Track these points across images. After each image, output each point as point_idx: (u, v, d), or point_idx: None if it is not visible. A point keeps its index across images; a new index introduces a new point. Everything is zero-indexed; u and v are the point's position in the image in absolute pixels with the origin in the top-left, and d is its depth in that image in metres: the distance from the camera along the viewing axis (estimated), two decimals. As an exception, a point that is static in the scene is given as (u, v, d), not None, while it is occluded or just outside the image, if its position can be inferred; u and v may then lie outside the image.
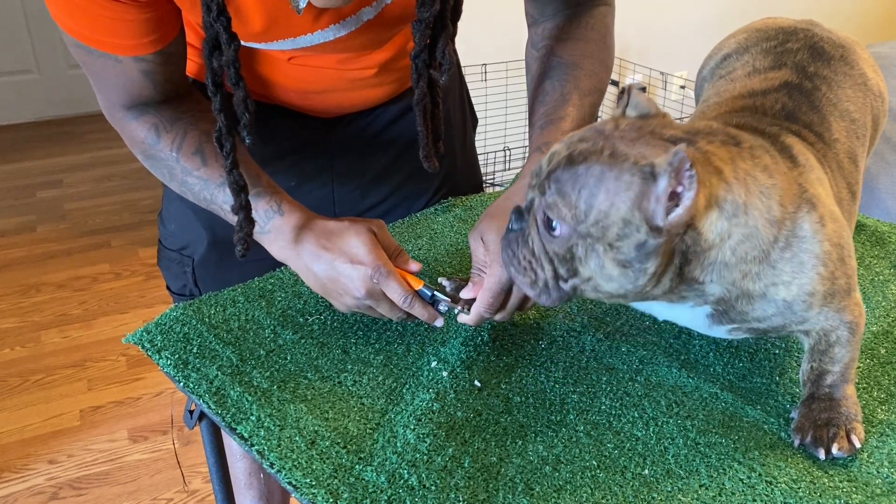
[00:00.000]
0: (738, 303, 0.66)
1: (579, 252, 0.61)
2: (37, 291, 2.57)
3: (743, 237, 0.62)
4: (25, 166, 3.62)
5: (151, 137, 0.83)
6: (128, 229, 3.01)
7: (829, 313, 0.68)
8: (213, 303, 0.89)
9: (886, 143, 1.81)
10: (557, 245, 0.62)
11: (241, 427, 0.71)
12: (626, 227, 0.59)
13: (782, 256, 0.64)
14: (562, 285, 0.64)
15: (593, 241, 0.60)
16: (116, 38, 0.75)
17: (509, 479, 0.66)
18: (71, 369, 2.17)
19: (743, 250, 0.62)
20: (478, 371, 0.78)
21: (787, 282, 0.65)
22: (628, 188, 0.58)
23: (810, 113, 0.76)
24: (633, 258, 0.60)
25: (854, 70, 0.82)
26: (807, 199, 0.65)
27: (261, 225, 0.80)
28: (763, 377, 0.78)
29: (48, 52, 4.07)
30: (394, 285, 0.76)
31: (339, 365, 0.80)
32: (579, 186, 0.60)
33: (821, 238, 0.65)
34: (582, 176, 0.60)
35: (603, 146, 0.60)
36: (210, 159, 0.81)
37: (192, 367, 0.78)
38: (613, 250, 0.60)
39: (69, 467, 1.83)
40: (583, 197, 0.59)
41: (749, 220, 0.62)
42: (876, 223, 1.08)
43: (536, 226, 0.64)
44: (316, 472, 0.66)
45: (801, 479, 0.65)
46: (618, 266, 0.61)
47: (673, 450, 0.69)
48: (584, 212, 0.60)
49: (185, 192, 0.85)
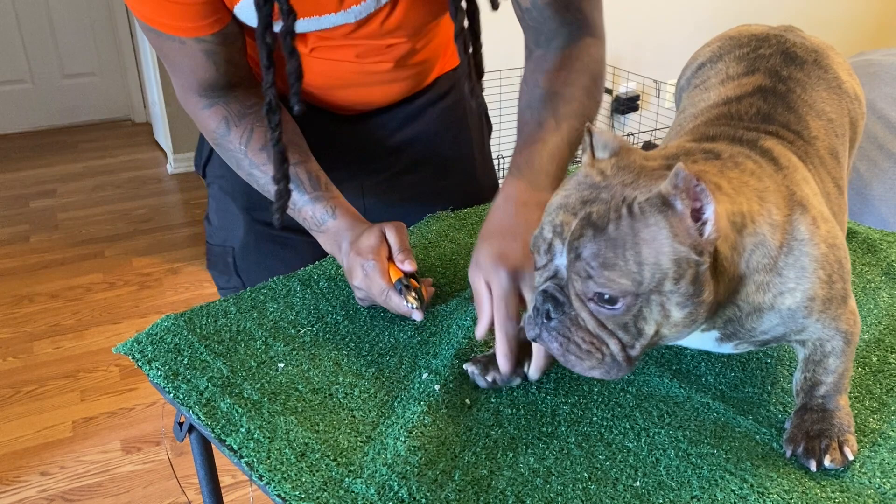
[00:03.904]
0: (748, 320, 0.65)
1: (644, 313, 0.59)
2: (30, 302, 2.56)
3: (753, 246, 0.61)
4: (19, 176, 3.61)
5: (222, 129, 0.92)
6: (121, 239, 3.00)
7: (826, 321, 0.67)
8: (205, 314, 0.89)
9: (879, 150, 1.82)
10: (622, 316, 0.60)
11: (231, 439, 0.70)
12: (678, 266, 0.57)
13: (787, 262, 0.63)
14: (630, 352, 0.62)
15: (656, 296, 0.58)
16: (179, 21, 0.83)
17: (500, 491, 0.65)
18: (63, 380, 2.16)
19: (756, 260, 0.61)
20: (468, 390, 0.78)
21: (792, 289, 0.64)
22: (661, 229, 0.57)
23: (786, 113, 0.75)
24: (692, 293, 0.58)
25: (828, 73, 0.82)
26: (797, 200, 0.64)
27: (317, 224, 0.91)
28: (755, 387, 0.78)
29: (42, 61, 4.07)
30: (376, 278, 0.84)
31: (330, 377, 0.79)
32: (622, 251, 0.57)
33: (817, 240, 0.64)
34: (618, 240, 0.57)
35: (612, 201, 0.59)
36: (285, 166, 0.89)
37: (183, 378, 0.78)
38: (674, 294, 0.58)
39: (61, 479, 1.82)
40: (630, 259, 0.57)
41: (757, 228, 0.61)
42: (867, 230, 1.08)
43: (586, 306, 0.61)
44: (305, 485, 0.66)
45: (792, 489, 0.65)
46: (679, 308, 0.59)
47: (665, 461, 0.69)
48: (639, 272, 0.57)
49: (250, 181, 0.94)
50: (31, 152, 3.90)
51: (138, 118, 4.36)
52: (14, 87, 4.08)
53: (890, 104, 1.89)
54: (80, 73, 4.18)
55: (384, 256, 0.86)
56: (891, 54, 2.08)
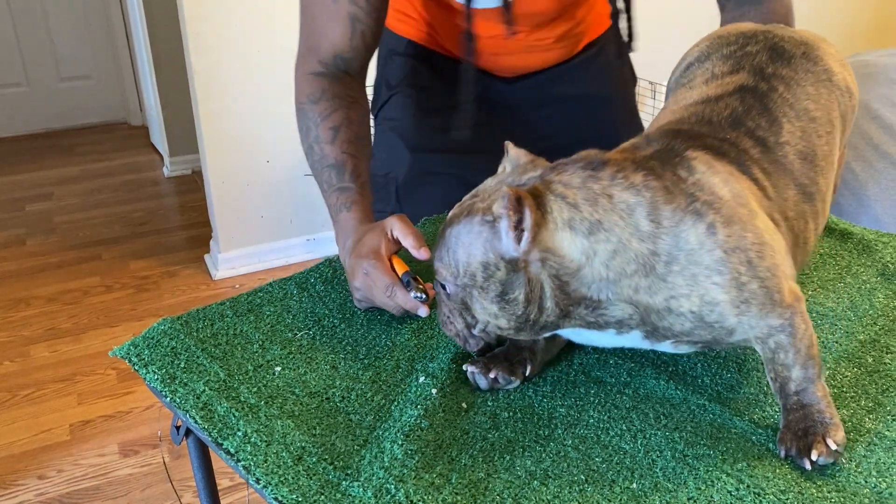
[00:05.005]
0: (652, 318, 0.67)
1: (468, 302, 0.70)
2: (26, 305, 2.55)
3: (611, 252, 0.65)
4: (15, 179, 3.61)
5: (314, 97, 0.98)
6: (118, 242, 3.00)
7: (754, 320, 0.67)
8: (201, 317, 0.89)
9: (874, 151, 1.82)
10: (454, 301, 0.71)
11: (228, 442, 0.70)
12: (486, 269, 0.66)
13: (671, 270, 0.65)
14: (474, 332, 0.73)
15: (471, 289, 0.68)
16: None
17: (497, 494, 0.66)
18: (60, 383, 2.16)
19: (618, 265, 0.65)
20: (465, 394, 0.78)
21: (686, 294, 0.65)
22: (479, 236, 0.66)
23: (759, 117, 0.75)
24: (502, 292, 0.67)
25: (817, 66, 0.81)
26: (693, 210, 0.65)
27: (335, 213, 0.95)
28: (751, 387, 0.78)
29: (38, 65, 4.07)
30: (378, 276, 0.84)
31: (327, 381, 0.79)
32: (447, 248, 0.69)
33: (710, 247, 0.64)
34: (448, 239, 0.69)
35: (466, 207, 0.69)
36: (337, 141, 0.96)
37: (180, 381, 0.78)
38: (486, 291, 0.68)
39: (59, 482, 1.82)
40: (451, 257, 0.68)
41: (611, 237, 0.64)
42: (863, 231, 1.09)
43: (438, 289, 0.73)
44: (303, 488, 0.66)
45: (789, 490, 0.65)
46: (495, 303, 0.68)
47: (661, 462, 0.69)
48: (455, 268, 0.68)
49: (306, 153, 1.00)
50: (28, 155, 3.89)
51: (135, 121, 4.36)
52: (10, 91, 4.07)
53: (885, 105, 1.89)
54: (76, 76, 4.17)
55: (385, 255, 0.87)
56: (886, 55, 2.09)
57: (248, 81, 2.52)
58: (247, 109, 2.56)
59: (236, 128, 2.57)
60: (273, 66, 2.53)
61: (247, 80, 2.52)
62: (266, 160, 2.65)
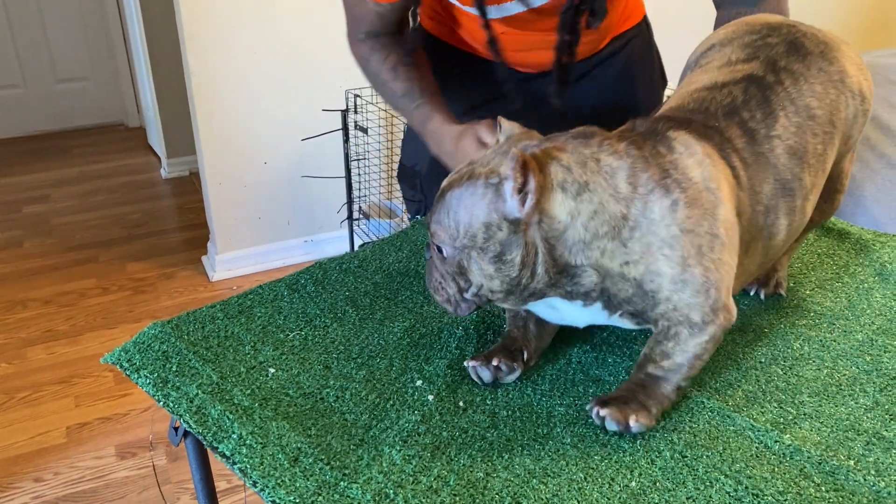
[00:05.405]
0: (608, 284, 0.71)
1: (465, 264, 0.71)
2: (23, 307, 2.55)
3: (591, 213, 0.68)
4: (12, 181, 3.60)
5: (368, 53, 1.11)
6: (115, 244, 2.99)
7: (681, 303, 0.70)
8: (192, 320, 0.88)
9: (872, 151, 1.82)
10: (449, 265, 0.73)
11: (223, 445, 0.70)
12: (487, 229, 0.69)
13: (632, 236, 0.68)
14: (466, 296, 0.74)
15: (469, 250, 0.71)
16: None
17: (496, 493, 0.65)
18: (57, 386, 2.15)
19: (595, 226, 0.68)
20: (463, 392, 0.78)
21: (636, 260, 0.69)
22: (483, 198, 0.69)
23: (756, 108, 0.77)
24: (500, 252, 0.69)
25: (832, 66, 0.82)
26: (665, 184, 0.69)
27: (422, 127, 1.06)
28: (750, 385, 0.78)
29: (34, 66, 4.06)
30: (484, 130, 0.94)
31: (320, 381, 0.79)
32: (447, 210, 0.71)
33: (668, 222, 0.68)
34: (448, 202, 0.71)
35: (465, 173, 0.71)
36: (399, 77, 1.08)
37: (172, 385, 0.78)
38: (485, 251, 0.70)
39: (55, 485, 1.81)
40: (451, 218, 0.71)
41: (594, 197, 0.68)
42: (860, 231, 1.08)
43: (434, 252, 0.75)
44: (300, 490, 0.65)
45: (787, 490, 0.65)
46: (492, 264, 0.70)
47: (660, 462, 0.68)
48: (455, 229, 0.70)
49: (387, 100, 1.11)
50: (25, 157, 3.89)
51: (132, 123, 4.36)
52: (7, 93, 4.07)
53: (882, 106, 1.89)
54: (73, 77, 4.17)
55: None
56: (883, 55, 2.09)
57: (245, 83, 2.52)
58: (244, 111, 2.55)
59: (234, 129, 2.56)
60: (270, 67, 2.53)
61: (244, 82, 2.52)
62: (264, 162, 2.65)
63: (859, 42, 3.54)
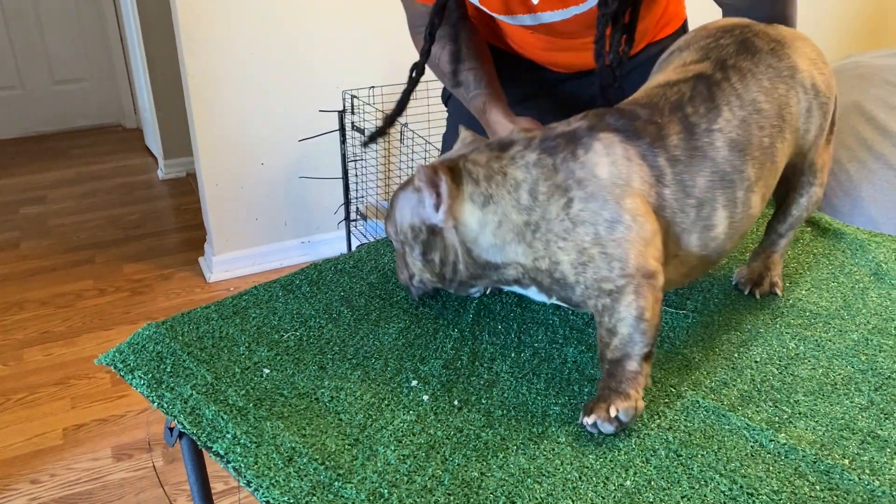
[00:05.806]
0: (535, 276, 0.77)
1: (406, 257, 0.84)
2: (20, 309, 2.54)
3: (497, 223, 0.76)
4: (9, 182, 3.60)
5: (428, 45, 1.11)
6: (112, 245, 2.99)
7: (590, 281, 0.73)
8: (186, 321, 0.88)
9: (868, 151, 1.82)
10: (398, 256, 0.87)
11: (217, 445, 0.70)
12: (413, 231, 0.80)
13: (535, 237, 0.74)
14: (413, 281, 0.86)
15: (405, 246, 0.83)
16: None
17: (490, 492, 0.65)
18: (54, 387, 2.15)
19: (502, 234, 0.76)
20: (458, 392, 0.77)
21: (542, 256, 0.75)
22: (408, 203, 0.80)
23: (701, 104, 0.79)
24: (423, 252, 0.81)
25: (782, 62, 0.84)
26: (565, 185, 0.73)
27: (481, 117, 1.10)
28: (745, 384, 0.78)
29: (32, 68, 4.06)
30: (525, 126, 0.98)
31: (315, 381, 0.79)
32: (392, 210, 0.83)
33: (562, 218, 0.73)
34: (393, 202, 0.83)
35: (409, 179, 0.81)
36: (460, 70, 1.11)
37: (166, 386, 0.77)
38: (414, 249, 0.82)
39: (52, 487, 1.80)
40: (394, 217, 0.83)
41: (498, 209, 0.75)
42: (856, 231, 1.08)
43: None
44: (294, 490, 0.65)
45: (782, 489, 0.65)
46: (419, 260, 0.82)
47: (655, 461, 0.68)
48: (396, 228, 0.83)
49: (451, 89, 1.16)
50: (22, 158, 3.88)
51: (129, 124, 4.35)
52: (4, 94, 4.06)
53: (878, 105, 1.89)
54: (70, 78, 4.16)
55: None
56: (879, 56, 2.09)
57: (242, 84, 2.52)
58: (241, 112, 2.55)
59: (230, 130, 2.56)
60: (267, 68, 2.52)
61: (241, 83, 2.51)
62: (261, 162, 2.65)
63: (859, 42, 3.55)
